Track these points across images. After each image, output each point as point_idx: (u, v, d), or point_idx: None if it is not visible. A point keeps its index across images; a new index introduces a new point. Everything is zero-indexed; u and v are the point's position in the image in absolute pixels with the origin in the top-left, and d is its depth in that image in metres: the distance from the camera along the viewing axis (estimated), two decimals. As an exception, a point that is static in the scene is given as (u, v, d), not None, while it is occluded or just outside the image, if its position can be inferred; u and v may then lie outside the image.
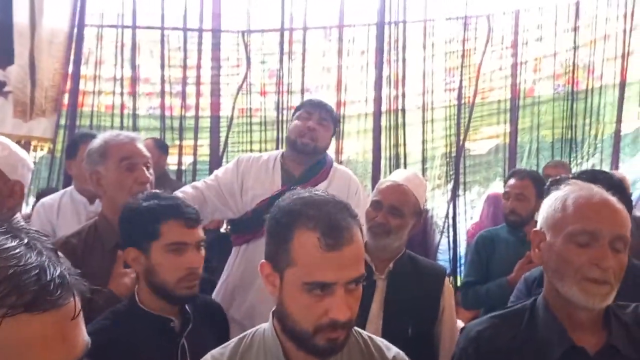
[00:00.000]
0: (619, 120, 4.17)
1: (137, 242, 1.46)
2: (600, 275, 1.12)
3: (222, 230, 3.53)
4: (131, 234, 1.48)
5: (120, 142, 1.79)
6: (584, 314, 1.17)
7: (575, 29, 4.27)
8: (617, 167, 4.16)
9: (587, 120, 4.26)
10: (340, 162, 4.35)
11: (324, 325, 0.99)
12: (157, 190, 1.58)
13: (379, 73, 4.44)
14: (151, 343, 1.40)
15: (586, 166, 4.26)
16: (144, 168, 1.79)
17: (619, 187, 1.71)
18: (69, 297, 0.62)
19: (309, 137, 2.29)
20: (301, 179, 2.32)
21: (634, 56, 4.15)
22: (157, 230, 1.43)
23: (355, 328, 1.16)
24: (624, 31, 4.12)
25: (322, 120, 2.33)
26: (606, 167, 4.20)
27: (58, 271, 0.61)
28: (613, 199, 1.18)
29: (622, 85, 4.15)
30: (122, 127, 4.43)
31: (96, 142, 1.82)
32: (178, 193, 2.10)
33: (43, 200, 2.58)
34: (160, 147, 3.85)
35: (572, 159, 4.27)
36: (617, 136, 4.17)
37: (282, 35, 4.50)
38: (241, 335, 1.16)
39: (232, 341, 1.16)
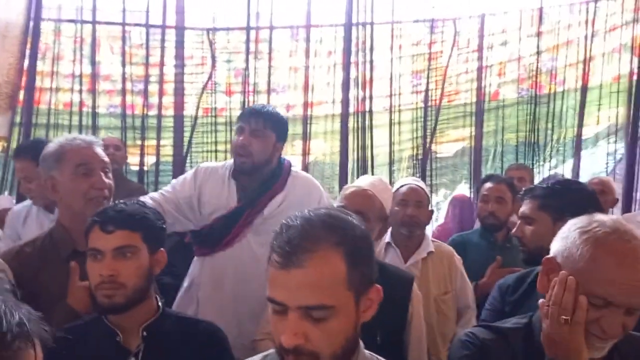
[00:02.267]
0: (580, 124, 4.26)
1: None
2: (604, 336, 1.09)
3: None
4: None
5: (77, 146, 1.71)
6: None
7: (539, 35, 4.34)
8: (578, 170, 4.26)
9: (550, 124, 4.35)
10: (308, 164, 4.31)
11: (282, 347, 0.93)
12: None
13: (346, 74, 4.40)
14: (95, 350, 1.38)
15: (548, 167, 4.35)
16: (102, 173, 1.72)
17: (593, 200, 1.70)
18: (28, 347, 0.57)
19: (243, 154, 2.19)
20: (255, 195, 2.24)
21: (595, 61, 4.25)
22: (89, 236, 1.43)
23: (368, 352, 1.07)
24: (586, 37, 4.22)
25: (254, 132, 2.18)
26: (567, 169, 4.30)
27: (16, 318, 0.55)
28: None
29: (584, 90, 4.25)
30: (81, 126, 4.28)
31: (52, 147, 1.74)
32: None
33: (14, 207, 2.68)
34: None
35: (534, 162, 4.34)
36: (578, 139, 4.26)
37: (248, 34, 4.42)
38: (265, 353, 1.10)
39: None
